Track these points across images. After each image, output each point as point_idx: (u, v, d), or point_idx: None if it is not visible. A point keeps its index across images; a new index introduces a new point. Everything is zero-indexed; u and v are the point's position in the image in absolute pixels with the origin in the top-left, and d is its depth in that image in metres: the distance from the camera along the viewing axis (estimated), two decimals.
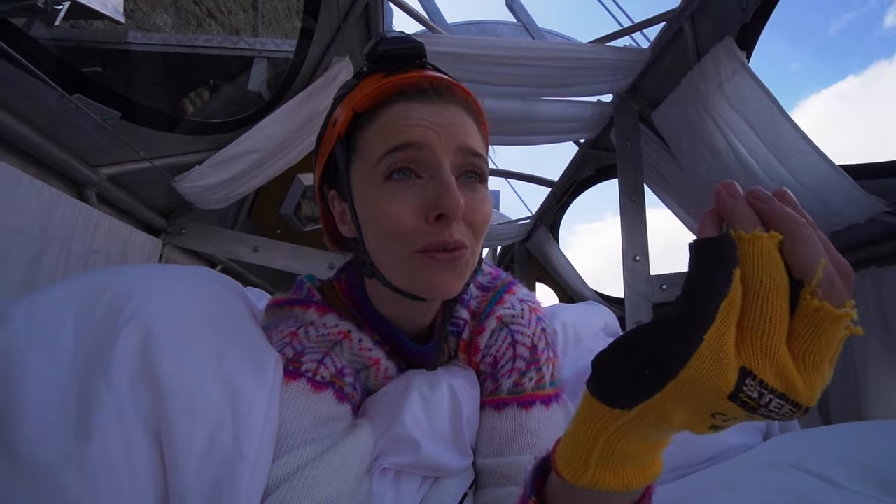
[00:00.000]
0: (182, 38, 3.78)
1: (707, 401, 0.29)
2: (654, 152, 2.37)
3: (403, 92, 0.56)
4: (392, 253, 0.55)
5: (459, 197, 0.52)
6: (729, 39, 1.72)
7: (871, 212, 1.62)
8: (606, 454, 0.35)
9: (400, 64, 0.58)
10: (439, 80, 0.58)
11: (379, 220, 0.55)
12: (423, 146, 0.54)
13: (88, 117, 1.44)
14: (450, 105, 0.57)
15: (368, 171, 0.56)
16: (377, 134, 0.56)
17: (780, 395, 0.29)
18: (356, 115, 0.58)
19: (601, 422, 0.34)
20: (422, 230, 0.53)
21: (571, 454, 0.37)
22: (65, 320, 0.50)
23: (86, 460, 0.42)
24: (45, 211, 1.37)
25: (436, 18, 2.43)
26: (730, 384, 0.28)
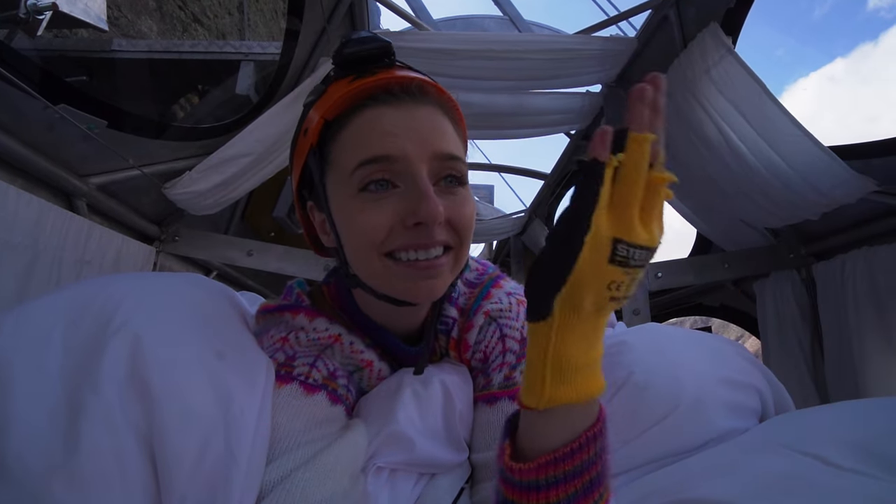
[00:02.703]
0: (168, 43, 3.76)
1: (599, 274, 0.39)
2: None
3: (373, 96, 0.55)
4: (371, 263, 0.55)
5: (438, 204, 0.52)
6: (714, 25, 1.71)
7: (861, 192, 1.63)
8: (556, 368, 0.41)
9: (368, 65, 0.57)
10: (409, 80, 0.56)
11: (355, 231, 0.55)
12: (397, 158, 0.53)
13: (75, 127, 1.43)
14: (422, 106, 0.56)
15: (342, 182, 0.55)
16: (348, 144, 0.55)
17: (639, 247, 0.39)
18: (327, 123, 0.57)
19: (543, 338, 0.41)
20: (396, 234, 0.53)
21: (530, 381, 0.43)
22: (53, 331, 0.50)
23: (75, 470, 0.42)
24: (34, 223, 1.36)
25: (421, 15, 2.42)
26: (607, 253, 0.39)
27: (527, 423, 0.45)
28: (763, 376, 0.76)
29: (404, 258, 0.54)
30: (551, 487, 0.42)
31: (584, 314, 0.40)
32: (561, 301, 0.40)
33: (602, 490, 0.44)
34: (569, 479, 0.43)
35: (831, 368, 1.82)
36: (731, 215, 2.19)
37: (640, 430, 0.64)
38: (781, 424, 0.67)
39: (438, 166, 0.55)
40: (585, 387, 0.42)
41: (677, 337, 0.79)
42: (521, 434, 0.46)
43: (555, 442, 0.43)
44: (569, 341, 0.41)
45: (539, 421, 0.44)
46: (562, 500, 0.42)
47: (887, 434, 0.52)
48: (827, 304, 1.86)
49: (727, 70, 1.70)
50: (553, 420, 0.43)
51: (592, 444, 0.43)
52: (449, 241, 0.55)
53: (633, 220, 0.39)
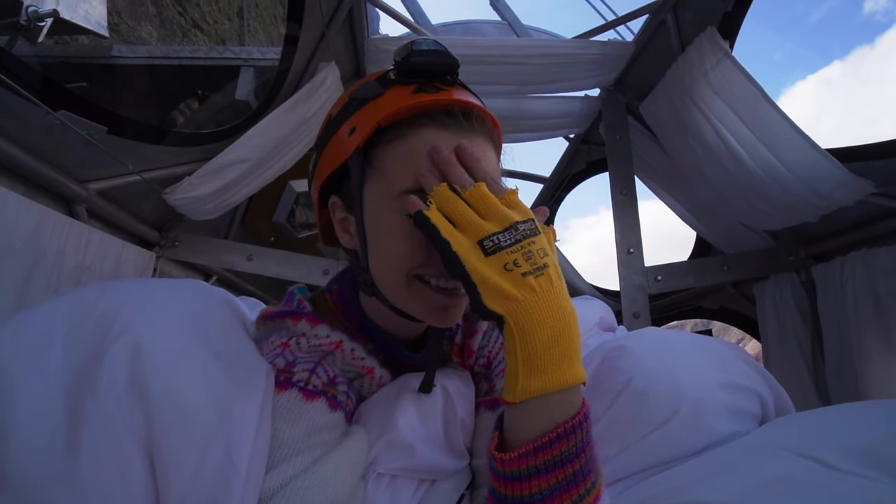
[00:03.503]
0: (167, 49, 3.77)
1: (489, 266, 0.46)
2: (644, 144, 2.38)
3: (432, 114, 0.55)
4: (399, 282, 0.56)
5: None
6: (711, 29, 1.72)
7: (860, 194, 1.63)
8: (525, 360, 0.44)
9: (432, 78, 0.56)
10: (471, 108, 0.56)
11: (389, 250, 0.56)
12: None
13: (75, 133, 1.43)
14: (477, 137, 0.56)
15: (385, 196, 0.55)
16: (401, 160, 0.55)
17: (498, 232, 0.47)
18: (379, 127, 0.56)
19: (508, 336, 0.45)
20: (430, 262, 0.54)
21: (507, 376, 0.46)
22: (53, 337, 0.50)
23: (76, 478, 0.42)
24: (34, 229, 1.36)
25: (420, 20, 2.43)
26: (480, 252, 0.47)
27: (509, 416, 0.48)
28: (763, 380, 0.76)
29: (433, 283, 0.55)
30: (533, 477, 0.44)
31: (521, 297, 0.45)
32: (488, 300, 0.46)
33: (588, 485, 0.45)
34: (550, 470, 0.44)
35: (832, 370, 1.82)
36: (730, 218, 2.19)
37: (640, 435, 0.64)
38: (781, 427, 0.66)
39: None
40: (559, 376, 0.44)
41: (677, 341, 0.79)
42: (506, 427, 0.48)
43: (534, 433, 0.45)
44: (529, 330, 0.45)
45: (518, 413, 0.46)
46: (544, 490, 0.44)
47: (887, 437, 0.52)
48: (827, 307, 1.87)
49: (725, 74, 1.71)
50: (531, 411, 0.45)
51: (572, 435, 0.45)
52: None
53: (477, 225, 0.48)
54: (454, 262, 0.46)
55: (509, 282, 0.45)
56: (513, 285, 0.45)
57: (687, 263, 2.31)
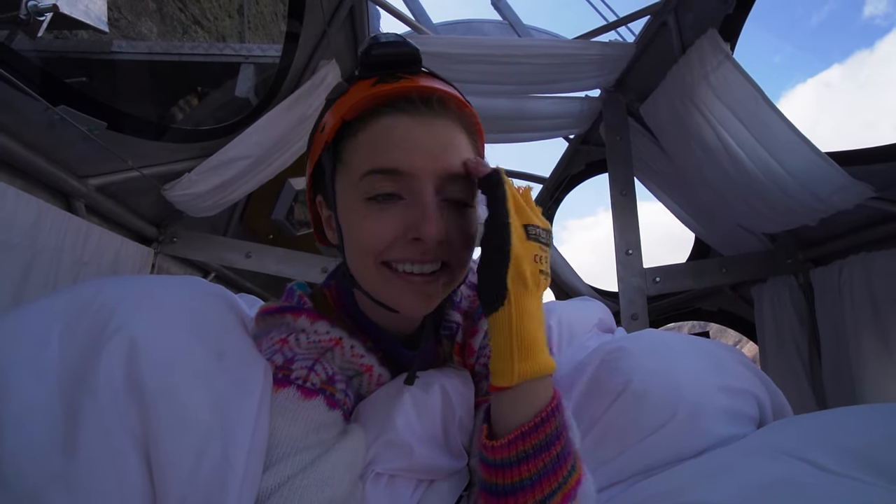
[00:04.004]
0: (168, 45, 3.76)
1: (526, 248, 0.52)
2: (644, 146, 2.38)
3: (392, 102, 0.55)
4: (367, 269, 0.57)
5: (436, 225, 0.53)
6: (713, 31, 1.73)
7: (859, 198, 1.63)
8: (520, 345, 0.49)
9: (393, 69, 0.57)
10: (431, 92, 0.56)
11: (355, 236, 0.56)
12: (406, 173, 0.54)
13: (74, 128, 1.43)
14: (439, 120, 0.56)
15: (351, 185, 0.56)
16: (362, 148, 0.56)
17: (540, 227, 0.55)
18: (345, 122, 0.57)
19: (506, 322, 0.50)
20: (396, 245, 0.55)
21: (500, 364, 0.50)
22: (50, 334, 0.49)
23: (73, 479, 0.41)
24: (32, 224, 1.36)
25: (421, 19, 2.42)
26: (524, 234, 0.53)
27: (498, 405, 0.52)
28: (761, 383, 0.76)
29: (400, 269, 0.55)
30: (522, 463, 0.48)
31: (529, 286, 0.51)
32: (511, 277, 0.50)
33: (570, 467, 0.49)
34: (537, 454, 0.48)
35: (829, 374, 1.83)
36: (730, 220, 2.20)
37: (638, 437, 0.64)
38: (778, 430, 0.66)
39: (448, 183, 0.56)
40: (544, 362, 0.50)
41: (676, 343, 0.79)
42: (494, 417, 0.52)
43: (522, 418, 0.49)
44: (525, 318, 0.50)
45: (507, 400, 0.50)
46: (533, 475, 0.48)
47: (883, 441, 0.52)
48: (824, 310, 1.87)
49: (725, 76, 1.71)
50: (520, 397, 0.50)
51: (552, 419, 0.50)
52: (447, 258, 0.57)
53: (528, 213, 0.55)
54: (504, 229, 0.52)
55: (530, 269, 0.51)
56: (531, 274, 0.51)
57: (685, 265, 2.31)
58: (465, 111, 0.60)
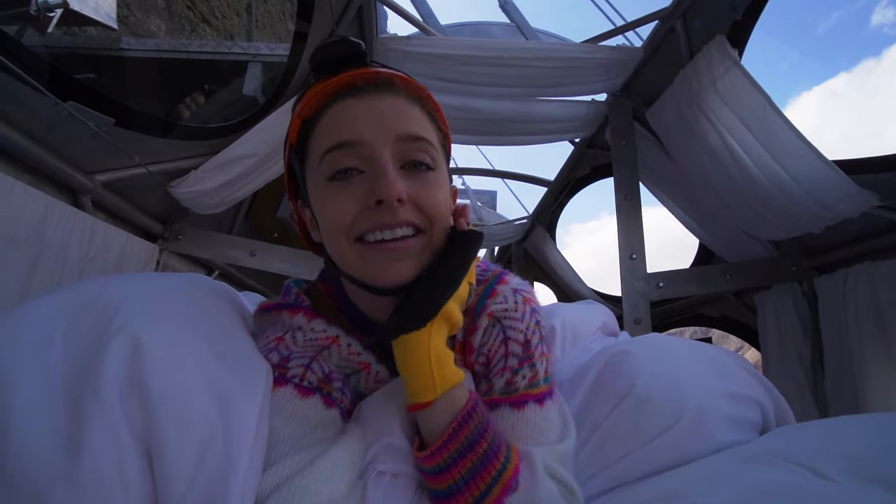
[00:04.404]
0: (176, 43, 3.78)
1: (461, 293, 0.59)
2: (649, 150, 2.38)
3: (340, 92, 0.58)
4: (343, 248, 0.58)
5: (395, 181, 0.54)
6: (721, 37, 1.72)
7: (864, 206, 1.63)
8: (437, 361, 0.55)
9: (342, 67, 0.60)
10: (374, 75, 0.59)
11: (325, 218, 0.58)
12: (359, 143, 0.56)
13: (82, 124, 1.44)
14: (386, 96, 0.59)
15: (315, 173, 0.58)
16: (318, 136, 0.58)
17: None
18: (303, 122, 0.60)
19: (424, 341, 0.55)
20: (363, 216, 0.56)
21: (421, 381, 0.55)
22: (54, 332, 0.49)
23: (76, 477, 0.41)
24: (39, 219, 1.37)
25: (429, 20, 2.43)
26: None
27: (423, 418, 0.56)
28: (765, 389, 0.76)
29: (371, 239, 0.56)
30: (452, 466, 0.53)
31: (447, 321, 0.58)
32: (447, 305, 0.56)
33: (503, 460, 0.54)
34: (464, 455, 0.53)
35: (831, 382, 1.82)
36: (734, 226, 2.19)
37: (641, 441, 0.63)
38: (781, 436, 0.66)
39: (404, 148, 0.58)
40: (455, 372, 0.57)
41: (680, 348, 0.79)
42: (422, 430, 0.57)
43: (444, 424, 0.54)
44: (437, 337, 0.56)
45: (430, 412, 0.55)
46: (465, 474, 0.52)
47: (884, 450, 0.52)
48: (828, 318, 1.86)
49: (733, 82, 1.71)
50: (441, 405, 0.55)
51: (471, 419, 0.55)
52: (417, 221, 0.57)
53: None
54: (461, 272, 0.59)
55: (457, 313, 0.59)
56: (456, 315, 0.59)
57: (689, 271, 2.31)
58: (411, 86, 0.62)
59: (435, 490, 0.54)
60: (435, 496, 0.55)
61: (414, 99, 0.61)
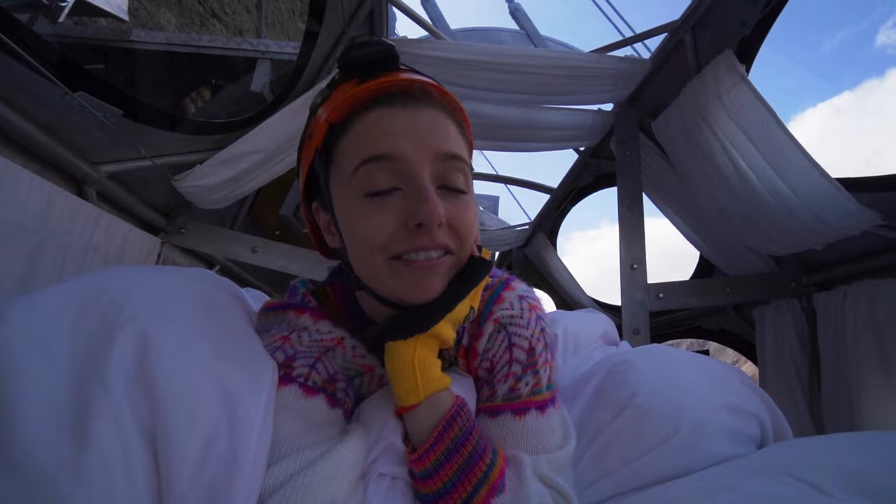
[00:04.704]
0: (185, 37, 3.79)
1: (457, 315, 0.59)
2: (653, 161, 2.39)
3: (377, 98, 0.56)
4: (372, 264, 0.56)
5: (438, 205, 0.53)
6: (729, 52, 1.73)
7: (866, 225, 1.63)
8: (421, 367, 0.56)
9: (372, 69, 0.58)
10: (411, 83, 0.57)
11: (357, 234, 0.56)
12: (398, 157, 0.54)
13: (91, 115, 1.44)
14: (424, 108, 0.57)
15: (345, 183, 0.56)
16: (351, 144, 0.56)
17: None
18: (331, 125, 0.58)
19: (409, 351, 0.56)
20: (399, 237, 0.54)
21: (406, 387, 0.56)
22: (62, 322, 0.49)
23: (82, 467, 0.41)
24: (44, 207, 1.37)
25: (439, 24, 2.45)
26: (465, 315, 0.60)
27: (411, 421, 0.57)
28: (764, 404, 0.76)
29: (406, 258, 0.56)
30: (440, 469, 0.54)
31: (437, 338, 0.58)
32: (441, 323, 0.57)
33: (488, 461, 0.55)
34: (451, 456, 0.54)
35: (827, 399, 1.82)
36: (736, 240, 2.20)
37: (641, 452, 0.63)
38: (780, 451, 0.66)
39: (441, 167, 0.56)
40: (440, 378, 0.58)
41: (682, 360, 0.79)
42: (410, 434, 0.58)
43: (430, 427, 0.56)
44: (422, 349, 0.57)
45: (418, 415, 0.56)
46: (453, 476, 0.53)
47: (885, 468, 0.52)
48: (826, 335, 1.87)
49: (739, 97, 1.72)
50: (426, 408, 0.56)
51: (455, 422, 0.56)
52: (450, 244, 0.57)
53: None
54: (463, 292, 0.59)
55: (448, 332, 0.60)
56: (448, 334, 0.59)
57: (689, 283, 2.31)
58: (447, 98, 0.61)
59: (426, 494, 0.55)
60: (426, 500, 0.55)
61: (449, 112, 0.60)
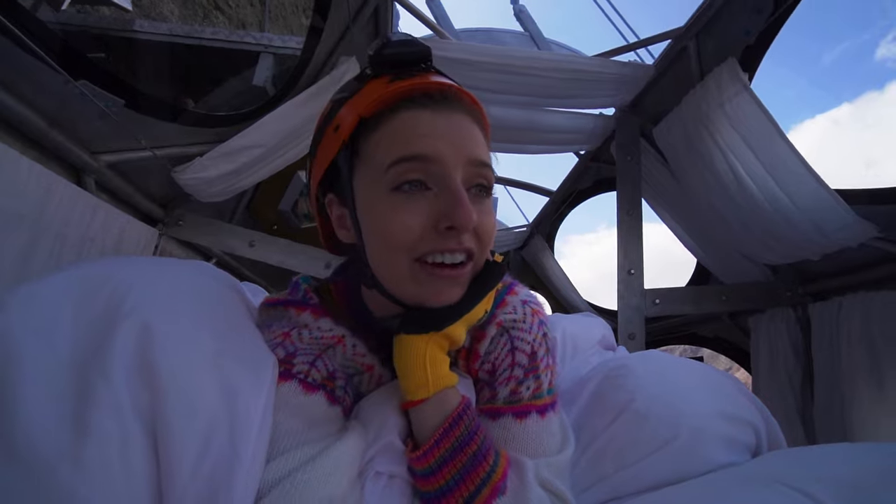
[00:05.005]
0: (189, 29, 3.77)
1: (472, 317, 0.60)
2: (653, 167, 2.40)
3: (412, 97, 0.56)
4: (395, 264, 0.56)
5: (472, 211, 0.53)
6: (732, 60, 1.74)
7: (863, 237, 1.65)
8: (432, 363, 0.57)
9: (406, 68, 0.58)
10: (448, 87, 0.57)
11: (384, 230, 0.55)
12: (434, 159, 0.54)
13: (92, 103, 1.44)
14: (457, 113, 0.57)
15: (374, 179, 0.56)
16: (384, 141, 0.55)
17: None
18: (362, 120, 0.57)
19: (421, 346, 0.57)
20: (427, 238, 0.54)
21: (416, 380, 0.57)
22: (64, 310, 0.49)
23: (82, 457, 0.41)
24: (42, 195, 1.36)
25: (443, 23, 2.44)
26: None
27: (416, 418, 0.58)
28: (759, 412, 0.76)
29: (430, 260, 0.55)
30: (443, 467, 0.54)
31: (449, 339, 0.59)
32: (458, 323, 0.58)
33: (491, 462, 0.55)
34: (454, 455, 0.54)
35: (820, 408, 1.83)
36: (733, 248, 2.21)
37: (637, 457, 0.64)
38: (776, 460, 0.67)
39: (472, 172, 0.57)
40: (448, 375, 0.59)
41: (680, 367, 0.79)
42: (415, 430, 0.58)
43: (435, 424, 0.55)
44: (433, 346, 0.58)
45: (424, 411, 0.57)
46: (455, 475, 0.53)
47: (880, 479, 0.52)
48: (821, 345, 1.88)
49: (741, 106, 1.72)
50: (435, 406, 0.56)
51: (461, 421, 0.56)
52: (473, 248, 0.57)
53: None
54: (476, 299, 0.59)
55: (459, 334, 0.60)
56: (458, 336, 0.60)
57: (686, 290, 2.32)
58: (476, 107, 0.61)
59: (426, 492, 0.54)
60: (426, 498, 0.54)
61: (478, 118, 0.60)
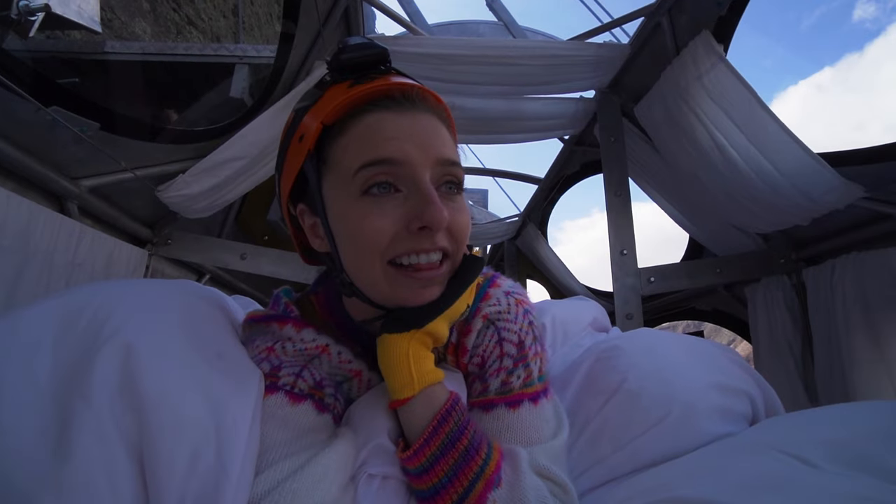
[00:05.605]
0: (161, 45, 3.74)
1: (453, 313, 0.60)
2: (638, 146, 2.40)
3: (374, 101, 0.56)
4: (370, 269, 0.55)
5: (443, 210, 0.53)
6: (706, 33, 1.74)
7: (850, 198, 1.65)
8: (416, 360, 0.57)
9: (365, 71, 0.57)
10: (410, 87, 0.57)
11: (356, 234, 0.55)
12: (401, 161, 0.54)
13: (66, 129, 1.42)
14: (421, 112, 0.57)
15: (343, 185, 0.55)
16: (350, 147, 0.55)
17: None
18: (325, 127, 0.57)
19: (404, 344, 0.57)
20: (400, 239, 0.54)
21: (401, 379, 0.56)
22: (44, 339, 0.49)
23: (64, 483, 0.41)
24: (24, 225, 1.35)
25: (416, 20, 2.43)
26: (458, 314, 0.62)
27: (405, 416, 0.57)
28: (754, 381, 0.76)
29: (405, 262, 0.55)
30: (435, 464, 0.53)
31: (430, 335, 0.59)
32: (439, 319, 0.58)
33: (484, 455, 0.54)
34: (446, 451, 0.54)
35: (821, 372, 1.84)
36: (723, 220, 2.21)
37: (632, 435, 0.64)
38: (769, 427, 0.67)
39: (440, 171, 0.57)
40: (434, 372, 0.58)
41: (670, 342, 0.80)
42: (405, 429, 0.57)
43: (424, 422, 0.55)
44: (416, 343, 0.57)
45: (412, 409, 0.56)
46: (448, 472, 0.53)
47: (870, 437, 0.53)
48: (817, 309, 1.89)
49: (718, 77, 1.72)
50: (421, 402, 0.56)
51: (450, 416, 0.55)
52: (448, 247, 0.57)
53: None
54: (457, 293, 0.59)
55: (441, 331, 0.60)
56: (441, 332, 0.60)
57: (680, 265, 2.32)
58: (441, 105, 0.61)
59: (421, 490, 0.54)
60: (421, 496, 0.54)
61: (443, 117, 0.60)
